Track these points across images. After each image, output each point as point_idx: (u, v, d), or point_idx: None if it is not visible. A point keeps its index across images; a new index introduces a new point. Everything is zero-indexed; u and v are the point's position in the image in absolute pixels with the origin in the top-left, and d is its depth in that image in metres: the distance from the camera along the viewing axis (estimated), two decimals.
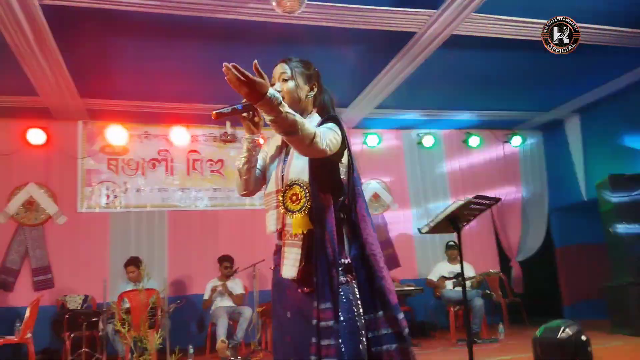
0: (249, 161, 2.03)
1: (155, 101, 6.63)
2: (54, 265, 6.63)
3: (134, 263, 6.16)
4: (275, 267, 1.96)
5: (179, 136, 7.21)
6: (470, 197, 3.45)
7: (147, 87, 6.29)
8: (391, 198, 8.09)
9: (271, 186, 1.98)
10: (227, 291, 6.31)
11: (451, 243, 6.97)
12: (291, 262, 1.82)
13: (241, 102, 1.83)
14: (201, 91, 6.33)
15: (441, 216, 3.46)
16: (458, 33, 5.20)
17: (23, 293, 6.34)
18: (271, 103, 1.65)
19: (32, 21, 4.52)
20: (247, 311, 6.08)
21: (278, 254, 1.94)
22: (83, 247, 6.75)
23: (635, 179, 6.30)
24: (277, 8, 3.99)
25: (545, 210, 8.60)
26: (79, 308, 6.27)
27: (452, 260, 6.95)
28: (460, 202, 3.42)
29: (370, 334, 1.81)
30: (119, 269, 6.36)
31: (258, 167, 2.09)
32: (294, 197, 1.86)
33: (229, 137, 7.30)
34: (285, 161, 1.97)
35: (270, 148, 2.09)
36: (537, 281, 8.52)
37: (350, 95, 6.82)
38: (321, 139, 1.78)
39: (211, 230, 7.26)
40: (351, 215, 1.92)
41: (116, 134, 6.96)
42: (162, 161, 7.31)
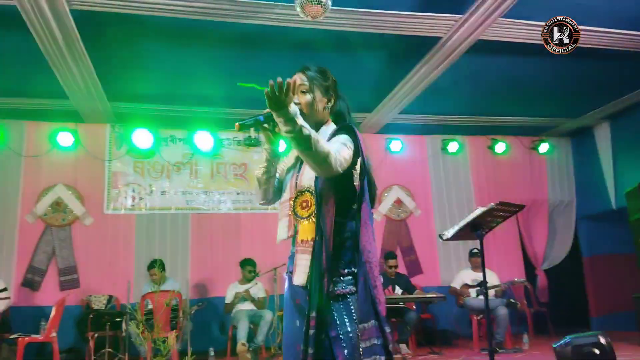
0: (268, 171, 2.03)
1: (180, 105, 6.71)
2: (80, 265, 6.75)
3: (158, 265, 6.23)
4: (289, 274, 1.97)
5: (204, 140, 7.28)
6: (493, 204, 3.38)
7: (173, 91, 6.37)
8: (414, 204, 8.02)
9: (285, 195, 1.99)
10: (250, 297, 6.33)
11: (475, 250, 6.86)
12: (302, 269, 1.82)
13: (263, 113, 1.85)
14: (225, 95, 6.38)
15: (463, 223, 3.41)
16: (485, 38, 5.13)
17: (49, 292, 6.47)
18: (289, 115, 1.68)
19: (63, 26, 4.62)
20: (268, 315, 6.08)
21: (291, 261, 1.95)
22: (108, 248, 6.87)
23: None
24: (302, 13, 3.99)
25: (573, 218, 8.42)
26: (103, 308, 6.36)
27: (476, 268, 6.83)
28: (482, 209, 3.36)
29: (362, 344, 1.78)
30: (143, 271, 6.44)
31: (277, 177, 2.10)
32: (304, 204, 1.87)
33: (253, 142, 7.34)
34: (299, 169, 1.98)
35: (289, 158, 2.10)
36: (564, 291, 8.33)
37: (374, 100, 6.79)
38: (335, 160, 1.77)
39: (234, 233, 7.30)
40: (359, 221, 1.90)
41: (142, 137, 7.06)
42: (187, 164, 7.39)
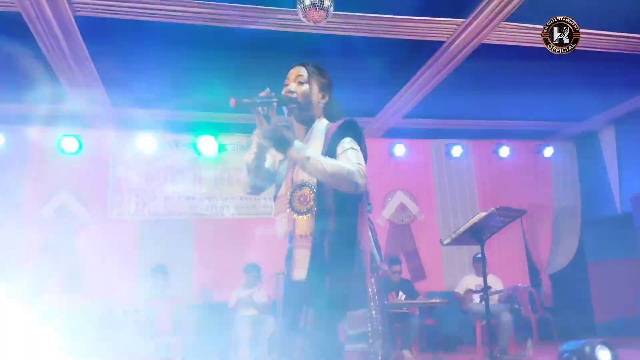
0: (259, 157, 2.00)
1: (184, 110, 6.73)
2: (84, 270, 6.75)
3: (160, 270, 6.24)
4: (287, 271, 1.95)
5: (207, 145, 7.29)
6: (493, 209, 3.37)
7: (177, 97, 6.39)
8: (418, 209, 8.00)
9: (282, 190, 1.98)
10: (253, 303, 6.31)
11: (479, 255, 6.79)
12: (300, 264, 1.83)
13: (261, 97, 1.89)
14: (228, 101, 6.37)
15: (463, 228, 3.40)
16: (488, 42, 5.12)
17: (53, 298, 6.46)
18: (295, 153, 1.78)
19: (67, 32, 4.65)
20: (271, 320, 6.06)
21: (290, 258, 1.93)
22: (113, 254, 6.85)
23: None
24: (304, 18, 3.99)
25: (577, 223, 8.37)
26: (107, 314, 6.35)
27: (480, 273, 6.79)
28: (483, 214, 3.35)
29: (350, 331, 1.78)
30: (147, 276, 6.43)
31: (267, 166, 2.08)
32: (302, 198, 1.88)
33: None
34: (294, 164, 1.95)
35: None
36: (569, 296, 8.27)
37: (377, 104, 6.79)
38: (356, 174, 1.80)
39: (237, 238, 7.29)
40: (357, 213, 1.91)
41: (146, 143, 7.09)
42: (191, 170, 7.40)
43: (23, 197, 6.77)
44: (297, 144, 1.80)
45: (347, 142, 1.92)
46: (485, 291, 3.56)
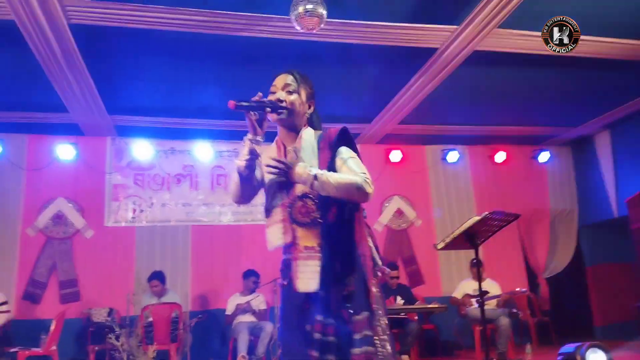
0: (251, 165, 1.95)
1: (180, 117, 6.74)
2: (81, 278, 6.75)
3: (158, 277, 6.23)
4: (288, 282, 1.91)
5: (204, 152, 7.30)
6: (487, 213, 3.38)
7: (173, 104, 6.40)
8: (415, 214, 8.00)
9: (275, 200, 1.95)
10: (251, 309, 6.30)
11: (475, 260, 6.81)
12: (309, 275, 1.81)
13: (256, 101, 1.90)
14: (225, 107, 6.37)
15: (457, 232, 3.40)
16: (481, 49, 5.14)
17: (50, 306, 6.46)
18: (301, 174, 1.82)
19: (61, 40, 4.66)
20: (269, 326, 6.05)
21: (288, 269, 1.91)
22: (109, 261, 6.86)
23: None
24: (298, 26, 4.01)
25: (574, 227, 8.39)
26: (104, 321, 6.33)
27: (477, 278, 6.78)
28: (476, 218, 3.36)
29: (357, 335, 1.80)
30: (144, 283, 6.43)
31: (256, 174, 2.04)
32: (304, 210, 1.87)
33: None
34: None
35: (265, 159, 2.01)
36: (567, 300, 8.27)
37: (373, 110, 6.81)
38: (363, 184, 1.84)
39: (234, 245, 7.29)
40: (355, 219, 1.94)
41: (142, 150, 7.10)
42: (187, 176, 7.40)
43: (19, 205, 6.77)
44: (299, 167, 1.83)
45: (345, 152, 1.95)
46: (481, 296, 3.56)
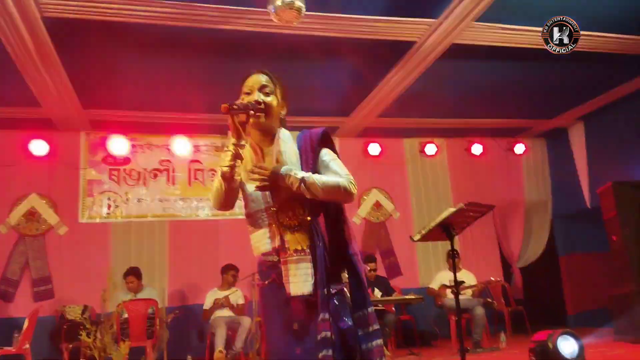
0: (234, 170, 1.87)
1: (157, 111, 6.64)
2: (54, 275, 6.63)
3: (134, 273, 6.16)
4: (271, 283, 1.90)
5: (181, 146, 7.22)
6: (462, 204, 3.43)
7: (149, 98, 6.31)
8: (393, 206, 8.06)
9: (257, 204, 1.93)
10: (229, 304, 6.28)
11: (452, 251, 6.91)
12: (302, 278, 1.81)
13: (243, 104, 1.87)
14: (203, 101, 6.34)
15: (433, 224, 3.44)
16: (459, 42, 5.19)
17: (23, 304, 6.35)
18: (287, 177, 1.82)
19: (34, 33, 4.55)
20: (246, 321, 6.04)
21: (273, 271, 1.89)
22: (83, 258, 6.74)
23: (638, 186, 6.25)
24: (276, 18, 3.99)
25: (548, 217, 8.57)
26: (78, 319, 6.23)
27: (452, 268, 6.88)
28: (452, 210, 3.41)
29: (360, 331, 1.84)
30: (119, 280, 6.35)
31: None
32: (292, 214, 1.86)
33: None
34: None
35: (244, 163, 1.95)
36: (541, 290, 8.45)
37: (352, 103, 6.82)
38: (348, 185, 1.87)
39: (212, 240, 7.24)
40: (342, 218, 1.97)
41: (118, 145, 6.99)
42: (164, 171, 7.31)
43: None
44: (285, 170, 1.83)
45: (327, 154, 1.96)
46: (456, 286, 3.62)
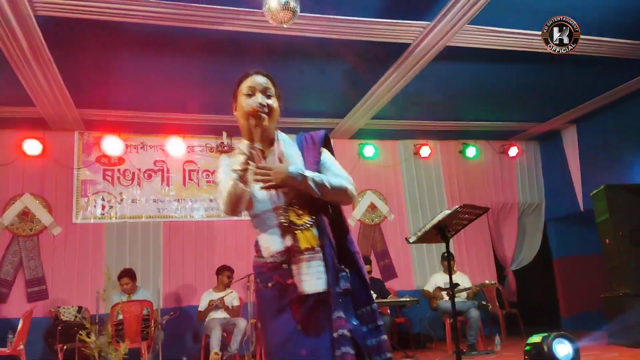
0: (247, 172, 1.83)
1: (151, 112, 6.63)
2: (48, 276, 6.60)
3: (128, 275, 6.14)
4: (274, 285, 1.87)
5: (175, 147, 7.21)
6: (457, 207, 3.44)
7: (143, 98, 6.30)
8: (387, 209, 8.08)
9: (264, 204, 1.90)
10: (224, 305, 6.26)
11: (447, 253, 6.92)
12: (315, 276, 1.81)
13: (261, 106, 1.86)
14: (197, 102, 6.34)
15: (429, 226, 3.46)
16: (453, 44, 5.21)
17: (16, 304, 6.31)
18: (297, 176, 1.82)
19: (28, 32, 4.54)
20: (242, 323, 6.03)
21: (275, 272, 1.86)
22: (78, 258, 6.73)
23: (631, 189, 6.29)
24: (270, 19, 4.00)
25: (541, 220, 8.61)
26: (73, 319, 6.21)
27: (448, 271, 6.89)
28: (447, 212, 3.42)
29: (367, 327, 1.87)
30: (114, 280, 6.32)
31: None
32: (300, 212, 1.87)
33: (226, 148, 7.31)
34: None
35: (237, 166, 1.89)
36: (535, 292, 8.47)
37: (346, 105, 6.83)
38: (352, 187, 1.92)
39: (206, 241, 7.23)
40: (342, 217, 2.00)
41: (112, 145, 6.97)
42: (158, 172, 7.30)
43: None
44: (293, 169, 1.83)
45: (329, 157, 2.00)
46: (452, 288, 3.63)
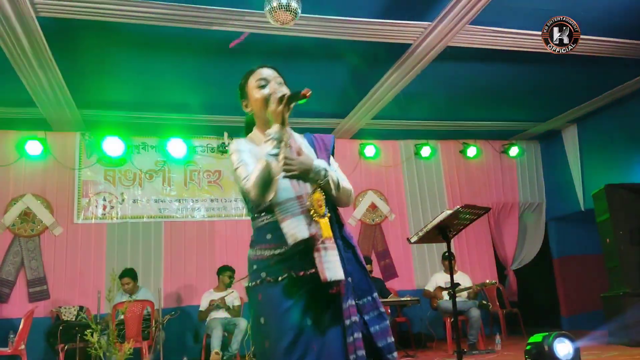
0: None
1: (152, 112, 6.64)
2: (50, 276, 6.61)
3: (129, 275, 6.15)
4: (284, 278, 1.85)
5: (177, 147, 7.21)
6: (458, 207, 3.45)
7: (145, 99, 6.31)
8: (388, 208, 8.09)
9: (287, 192, 1.89)
10: (225, 305, 6.27)
11: (447, 254, 6.93)
12: (335, 265, 1.83)
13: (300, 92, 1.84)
14: (199, 102, 6.35)
15: (430, 226, 3.47)
16: (454, 45, 5.22)
17: (18, 304, 6.33)
18: (323, 170, 1.89)
19: (29, 33, 4.55)
20: (242, 322, 6.04)
21: (287, 263, 1.87)
22: (79, 258, 6.74)
23: (631, 189, 6.30)
24: (272, 20, 4.01)
25: (542, 220, 8.61)
26: (74, 320, 6.23)
27: (449, 270, 6.91)
28: (449, 212, 3.43)
29: (366, 317, 1.90)
30: (115, 281, 6.32)
31: None
32: (320, 202, 1.90)
33: (227, 148, 7.32)
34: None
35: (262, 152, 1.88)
36: (535, 292, 8.48)
37: (347, 105, 6.84)
38: (353, 193, 2.02)
39: (208, 241, 7.24)
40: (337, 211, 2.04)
41: (113, 145, 6.97)
42: (160, 172, 7.31)
43: None
44: (318, 164, 1.90)
45: (334, 160, 2.05)
46: (453, 288, 3.64)
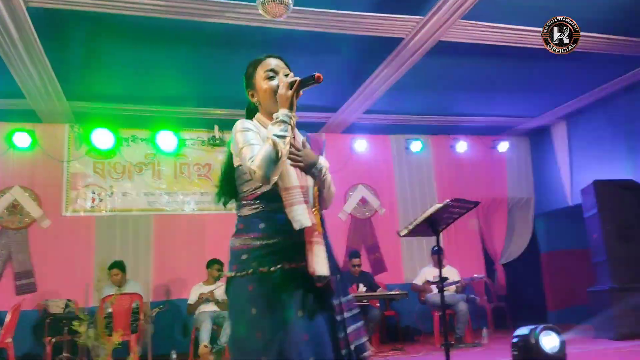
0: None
1: (142, 104, 6.59)
2: (37, 269, 6.56)
3: (118, 266, 6.13)
4: (278, 269, 1.81)
5: (167, 140, 7.16)
6: (448, 201, 3.47)
7: (135, 91, 6.26)
8: (379, 202, 8.11)
9: (292, 180, 1.85)
10: (214, 298, 6.26)
11: (436, 248, 6.97)
12: (323, 260, 1.81)
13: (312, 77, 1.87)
14: (189, 95, 6.32)
15: (420, 219, 3.48)
16: (445, 39, 5.23)
17: (5, 297, 6.26)
18: (322, 170, 1.90)
19: (19, 24, 4.49)
20: None
21: (280, 254, 1.83)
22: (67, 251, 6.68)
23: (619, 185, 6.37)
24: (264, 13, 3.99)
25: (531, 215, 8.68)
26: (61, 313, 6.18)
27: (437, 264, 6.95)
28: (438, 205, 3.45)
29: (344, 315, 1.88)
30: (104, 273, 6.29)
31: None
32: (315, 195, 1.91)
33: (217, 141, 7.30)
34: None
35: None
36: (522, 286, 8.56)
37: (338, 99, 6.84)
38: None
39: (198, 234, 7.22)
40: None
41: (103, 138, 6.91)
42: (149, 165, 7.27)
43: None
44: (321, 160, 1.91)
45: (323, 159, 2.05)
46: (441, 282, 3.67)
